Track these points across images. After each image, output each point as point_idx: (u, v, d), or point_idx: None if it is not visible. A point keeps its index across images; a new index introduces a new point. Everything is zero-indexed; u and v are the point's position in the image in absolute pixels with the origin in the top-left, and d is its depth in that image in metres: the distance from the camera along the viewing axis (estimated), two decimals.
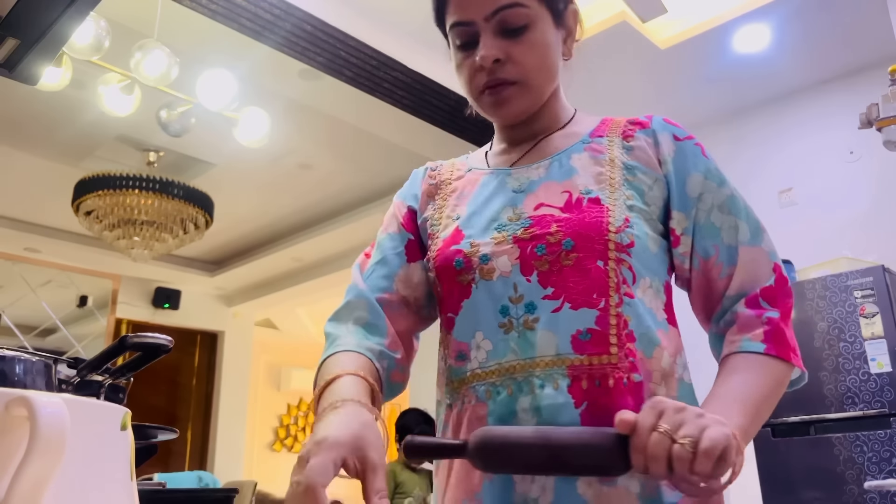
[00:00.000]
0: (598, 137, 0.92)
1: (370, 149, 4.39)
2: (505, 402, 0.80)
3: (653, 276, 0.85)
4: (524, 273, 0.83)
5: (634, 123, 0.92)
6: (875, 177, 3.40)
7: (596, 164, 0.88)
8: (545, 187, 0.88)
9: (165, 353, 0.79)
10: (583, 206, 0.84)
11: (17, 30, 1.11)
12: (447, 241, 0.89)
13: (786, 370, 0.81)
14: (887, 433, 2.57)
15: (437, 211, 0.95)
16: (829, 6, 3.10)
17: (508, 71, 0.87)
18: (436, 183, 0.99)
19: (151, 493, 1.48)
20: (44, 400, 0.44)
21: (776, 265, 0.85)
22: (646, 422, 0.67)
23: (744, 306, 0.83)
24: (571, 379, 0.78)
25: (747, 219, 0.87)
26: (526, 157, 0.94)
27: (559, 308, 0.80)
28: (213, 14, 2.79)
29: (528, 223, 0.85)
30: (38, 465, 0.42)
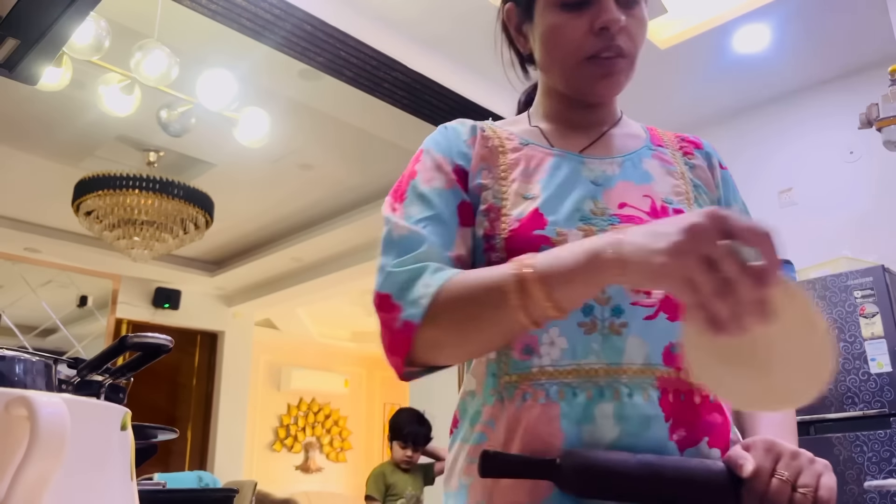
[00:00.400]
0: (660, 147, 0.90)
1: (370, 149, 4.39)
2: (582, 405, 0.75)
3: None
4: None
5: (687, 141, 0.92)
6: (875, 177, 3.40)
7: (669, 175, 0.87)
8: (623, 186, 0.84)
9: (165, 353, 0.79)
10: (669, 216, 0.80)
11: (17, 30, 1.11)
12: (525, 222, 0.81)
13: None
14: (887, 433, 2.57)
15: (498, 182, 0.85)
16: (829, 6, 3.10)
17: (626, 42, 0.83)
18: (490, 147, 0.89)
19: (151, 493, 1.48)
20: (44, 400, 0.44)
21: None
22: (765, 467, 0.67)
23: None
24: (661, 391, 0.75)
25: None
26: (594, 146, 0.89)
27: (653, 316, 0.77)
28: (213, 14, 2.79)
29: (615, 221, 0.80)
30: (38, 465, 0.42)
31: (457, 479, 0.83)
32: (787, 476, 0.65)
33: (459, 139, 0.91)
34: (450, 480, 0.85)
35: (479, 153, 0.88)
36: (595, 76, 0.84)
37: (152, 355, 0.77)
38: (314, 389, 8.61)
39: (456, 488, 0.83)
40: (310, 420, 8.61)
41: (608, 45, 0.82)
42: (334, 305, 7.71)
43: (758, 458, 0.68)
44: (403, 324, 0.75)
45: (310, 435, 8.57)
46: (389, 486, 3.44)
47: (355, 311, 7.90)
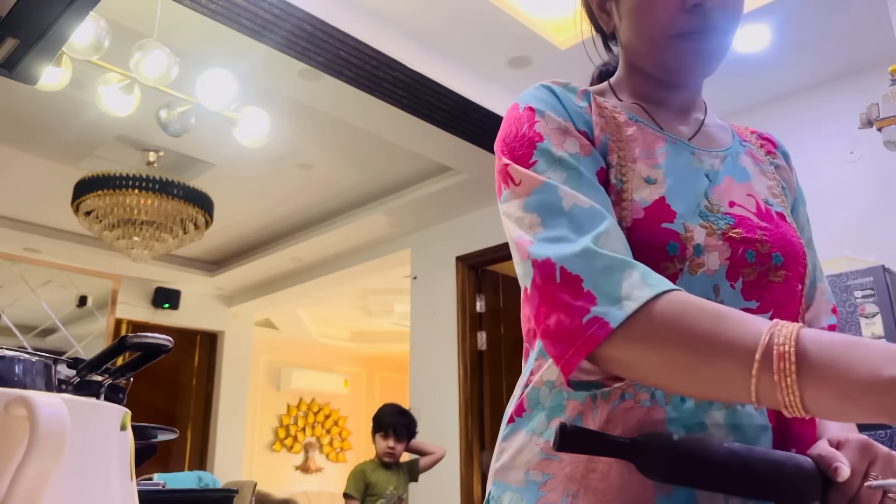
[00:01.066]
0: (746, 143, 0.86)
1: (370, 149, 4.39)
2: (692, 411, 0.70)
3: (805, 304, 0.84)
4: (729, 277, 0.72)
5: (765, 139, 0.91)
6: (875, 177, 3.40)
7: (763, 175, 0.83)
8: (728, 183, 0.78)
9: (165, 353, 0.79)
10: (774, 219, 0.76)
11: (17, 30, 1.11)
12: (651, 211, 0.72)
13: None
14: (887, 433, 2.57)
15: (621, 160, 0.76)
16: (829, 6, 3.10)
17: (720, 19, 0.75)
18: (606, 118, 0.79)
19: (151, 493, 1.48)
20: (44, 400, 0.44)
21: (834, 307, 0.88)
22: (858, 469, 0.65)
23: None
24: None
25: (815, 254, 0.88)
26: (699, 136, 0.82)
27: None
28: (213, 14, 2.79)
29: (731, 221, 0.74)
30: (38, 465, 0.42)
31: (522, 473, 0.75)
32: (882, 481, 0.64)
33: (571, 103, 0.79)
34: (509, 473, 0.76)
35: (598, 123, 0.78)
36: (687, 53, 0.77)
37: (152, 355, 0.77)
38: (314, 389, 8.62)
39: (521, 483, 0.75)
40: (310, 420, 8.62)
41: (702, 21, 0.75)
42: (334, 305, 7.71)
43: (851, 459, 0.65)
44: (594, 320, 0.62)
45: (310, 435, 8.58)
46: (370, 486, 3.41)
47: (355, 312, 7.91)
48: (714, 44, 0.76)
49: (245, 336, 7.29)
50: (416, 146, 4.05)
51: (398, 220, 5.15)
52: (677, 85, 0.83)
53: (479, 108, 3.53)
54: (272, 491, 6.81)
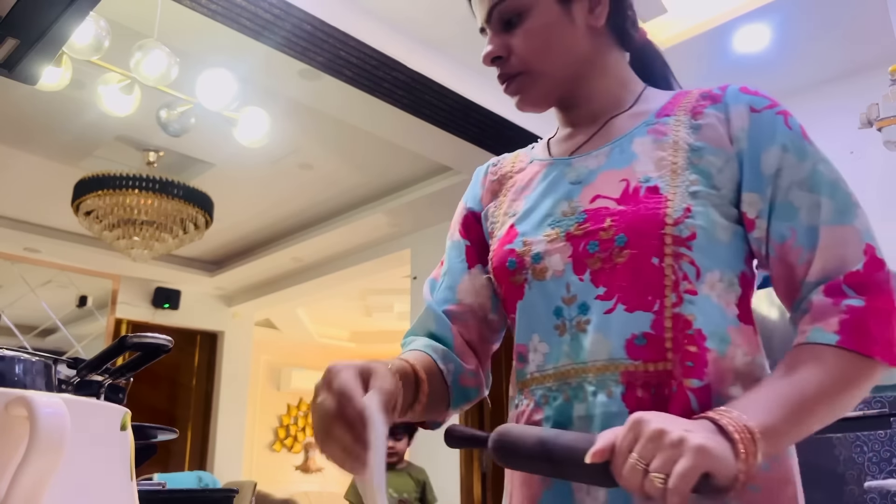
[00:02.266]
0: (665, 117, 0.84)
1: (370, 149, 4.39)
2: (562, 408, 0.77)
3: (724, 268, 0.77)
4: (577, 272, 0.78)
5: (707, 97, 0.84)
6: (875, 177, 3.40)
7: (658, 148, 0.81)
8: (604, 176, 0.82)
9: (165, 353, 0.79)
10: (639, 197, 0.77)
11: (17, 30, 1.11)
12: (502, 240, 0.86)
13: (865, 366, 0.70)
14: (887, 433, 2.57)
15: (498, 208, 0.92)
16: (829, 6, 3.10)
17: (511, 64, 0.86)
18: (498, 178, 0.95)
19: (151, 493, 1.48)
20: (44, 400, 0.44)
21: (869, 246, 0.74)
22: (622, 446, 0.62)
23: (822, 294, 0.73)
24: (626, 386, 0.73)
25: (832, 194, 0.76)
26: (588, 143, 0.88)
27: (612, 309, 0.75)
28: (213, 14, 2.79)
29: (582, 218, 0.80)
30: (38, 465, 0.42)
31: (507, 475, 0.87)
32: (636, 459, 0.60)
33: (476, 182, 0.99)
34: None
35: (489, 189, 0.96)
36: (512, 98, 0.89)
37: (152, 355, 0.77)
38: (314, 389, 8.62)
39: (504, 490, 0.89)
40: (310, 420, 8.60)
41: (498, 75, 0.88)
42: (334, 305, 7.71)
43: (620, 437, 0.63)
44: None
45: (310, 435, 8.57)
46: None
47: (355, 312, 7.91)
48: (518, 85, 0.87)
49: (245, 336, 7.29)
50: (416, 146, 4.05)
51: (398, 220, 5.15)
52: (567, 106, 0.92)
53: (479, 108, 3.53)
54: (272, 491, 6.81)
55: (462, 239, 0.95)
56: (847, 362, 0.70)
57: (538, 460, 0.70)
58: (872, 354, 0.69)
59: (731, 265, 0.78)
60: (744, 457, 0.61)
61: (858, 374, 0.70)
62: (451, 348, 0.87)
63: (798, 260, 0.75)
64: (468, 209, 0.97)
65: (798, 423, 0.68)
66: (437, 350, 0.85)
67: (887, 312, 0.71)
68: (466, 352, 0.89)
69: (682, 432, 0.60)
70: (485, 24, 0.87)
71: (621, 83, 0.90)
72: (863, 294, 0.71)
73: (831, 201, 0.76)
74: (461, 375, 0.86)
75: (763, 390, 0.70)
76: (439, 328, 0.89)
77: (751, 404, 0.67)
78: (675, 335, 0.73)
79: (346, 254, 5.91)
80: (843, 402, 0.71)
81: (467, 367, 0.87)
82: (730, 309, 0.77)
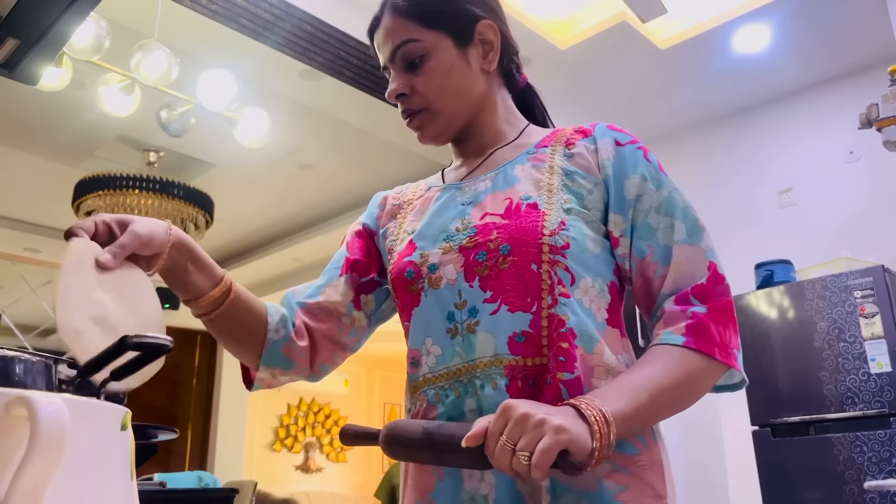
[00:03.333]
0: (543, 147, 0.95)
1: (370, 149, 4.40)
2: (453, 404, 0.84)
3: (594, 276, 0.87)
4: (468, 279, 0.87)
5: (579, 132, 0.95)
6: (875, 177, 3.40)
7: (537, 172, 0.92)
8: (491, 198, 0.92)
9: (166, 353, 0.79)
10: (521, 212, 0.87)
11: (17, 30, 1.11)
12: (401, 254, 0.94)
13: (707, 365, 0.81)
14: (887, 433, 2.57)
15: (398, 227, 1.01)
16: (829, 6, 3.10)
17: (414, 101, 0.95)
18: (399, 203, 1.06)
19: (151, 493, 1.48)
20: (44, 400, 0.44)
21: (712, 263, 0.86)
22: (493, 430, 0.70)
23: (672, 303, 0.84)
24: (509, 379, 0.81)
25: (684, 218, 0.88)
26: (476, 170, 0.98)
27: (497, 310, 0.84)
28: (213, 14, 2.79)
29: (473, 232, 0.89)
30: (38, 465, 0.42)
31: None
32: (504, 440, 0.68)
33: (375, 203, 1.11)
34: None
35: (388, 211, 1.06)
36: (413, 131, 0.99)
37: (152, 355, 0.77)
38: (314, 389, 8.61)
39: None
40: (310, 420, 8.62)
41: (402, 110, 0.97)
42: None
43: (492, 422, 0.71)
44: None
45: (310, 435, 8.58)
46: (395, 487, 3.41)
47: None
48: (420, 121, 0.96)
49: None
50: (417, 146, 4.03)
51: None
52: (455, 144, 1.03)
53: None
54: (272, 491, 6.81)
55: (345, 250, 1.06)
56: (691, 360, 0.80)
57: (422, 449, 0.76)
58: (712, 354, 0.80)
59: (601, 274, 0.88)
60: (598, 437, 0.70)
61: (699, 370, 0.81)
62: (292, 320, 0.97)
63: (655, 274, 0.87)
64: (363, 224, 1.08)
65: (646, 410, 0.77)
66: (277, 312, 0.95)
67: (725, 319, 0.83)
68: (302, 333, 0.97)
69: (544, 415, 0.69)
70: (388, 62, 0.96)
71: (507, 120, 1.01)
72: (705, 303, 0.82)
73: (683, 224, 0.88)
74: (286, 344, 0.95)
75: (619, 381, 0.79)
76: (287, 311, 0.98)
77: (608, 393, 0.76)
78: (550, 333, 0.82)
79: None
80: (687, 394, 0.81)
81: (294, 341, 0.95)
82: (599, 313, 0.87)
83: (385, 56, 0.96)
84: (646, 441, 0.83)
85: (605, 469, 0.79)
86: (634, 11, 3.17)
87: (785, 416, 2.78)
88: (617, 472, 0.79)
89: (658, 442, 0.86)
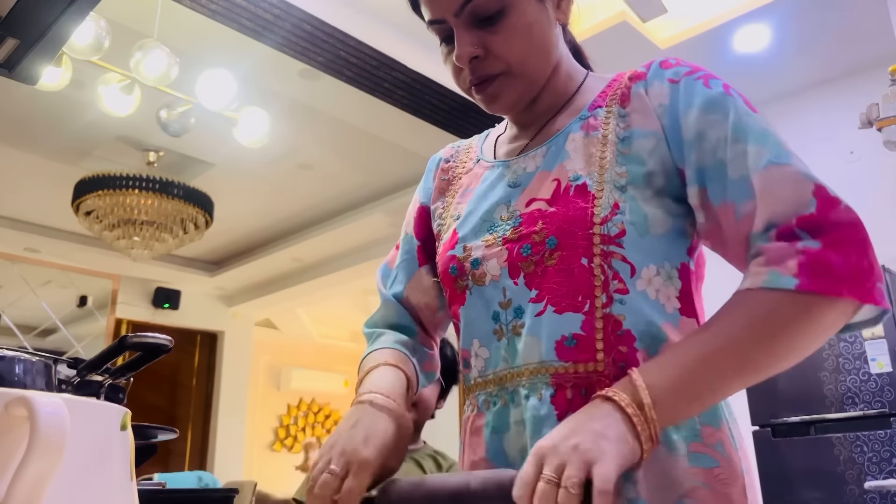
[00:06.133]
0: (597, 108, 0.82)
1: (370, 149, 4.39)
2: (500, 413, 0.78)
3: (661, 261, 0.75)
4: (512, 276, 0.78)
5: (633, 77, 0.82)
6: (875, 177, 3.40)
7: (589, 144, 0.79)
8: (539, 178, 0.81)
9: (165, 353, 0.79)
10: (569, 196, 0.76)
11: (17, 30, 1.11)
12: (446, 245, 0.86)
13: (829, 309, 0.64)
14: (887, 433, 2.57)
15: (445, 209, 0.92)
16: (829, 6, 3.10)
17: (490, 64, 0.79)
18: (448, 178, 0.95)
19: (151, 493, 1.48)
20: (44, 400, 0.44)
21: (818, 186, 0.67)
22: (527, 475, 0.60)
23: (773, 239, 0.67)
24: (555, 388, 0.73)
25: (763, 140, 0.70)
26: (531, 143, 0.86)
27: (542, 312, 0.75)
28: (213, 14, 2.79)
29: (517, 222, 0.79)
30: (38, 465, 0.42)
31: None
32: (549, 475, 0.58)
33: (429, 175, 0.98)
34: None
35: (438, 186, 0.95)
36: (482, 101, 0.84)
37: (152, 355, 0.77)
38: (314, 390, 8.61)
39: None
40: (310, 420, 8.61)
41: (474, 76, 0.81)
42: (334, 305, 7.71)
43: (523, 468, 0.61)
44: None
45: (310, 435, 8.57)
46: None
47: (355, 311, 7.90)
48: (495, 87, 0.81)
49: (245, 336, 7.29)
50: (416, 146, 4.05)
51: (398, 220, 5.14)
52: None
53: (479, 108, 3.53)
54: (272, 491, 6.81)
55: (413, 237, 0.96)
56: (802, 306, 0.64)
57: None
58: (839, 294, 0.63)
59: (668, 257, 0.75)
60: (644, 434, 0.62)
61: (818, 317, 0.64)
62: (413, 336, 0.92)
63: (736, 216, 0.70)
64: (421, 203, 0.97)
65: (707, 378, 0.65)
66: (406, 344, 0.89)
67: (856, 244, 0.64)
68: (427, 338, 0.93)
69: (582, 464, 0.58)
70: (452, 17, 0.78)
71: (568, 76, 0.87)
72: (819, 237, 0.65)
73: (762, 147, 0.70)
74: (425, 362, 0.91)
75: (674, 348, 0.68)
76: (402, 319, 0.92)
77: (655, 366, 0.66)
78: (606, 336, 0.72)
79: (346, 254, 5.90)
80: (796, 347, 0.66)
81: (429, 354, 0.92)
82: (669, 303, 0.75)
83: (445, 9, 0.78)
84: (724, 451, 0.72)
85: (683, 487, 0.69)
86: (635, 11, 3.16)
87: (785, 416, 2.78)
88: (698, 489, 0.69)
89: (738, 451, 0.74)
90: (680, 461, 0.70)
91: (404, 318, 0.93)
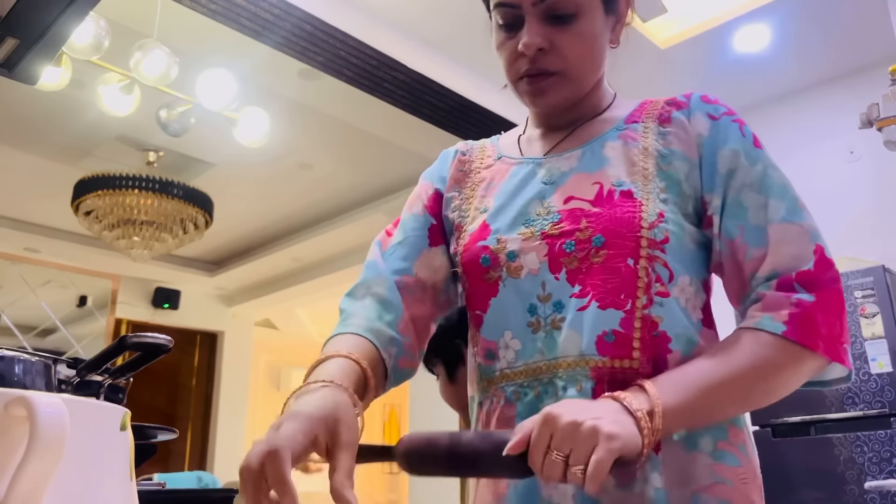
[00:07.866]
0: (634, 123, 0.87)
1: (370, 149, 4.39)
2: (531, 403, 0.79)
3: (692, 273, 0.81)
4: (552, 271, 0.80)
5: (672, 104, 0.87)
6: (875, 177, 3.40)
7: (629, 154, 0.84)
8: (576, 179, 0.84)
9: (165, 353, 0.79)
10: (614, 200, 0.80)
11: (17, 30, 1.11)
12: (474, 235, 0.87)
13: (805, 360, 0.74)
14: (887, 433, 2.57)
15: (465, 202, 0.93)
16: (829, 6, 3.10)
17: (551, 61, 0.83)
18: (465, 171, 0.96)
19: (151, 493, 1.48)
20: (43, 400, 0.44)
21: (818, 246, 0.77)
22: (539, 441, 0.65)
23: (773, 287, 0.76)
24: (596, 381, 0.75)
25: (782, 196, 0.79)
26: (560, 145, 0.90)
27: (586, 307, 0.77)
28: (213, 14, 2.79)
29: (556, 218, 0.82)
30: (38, 465, 0.42)
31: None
32: (557, 454, 0.63)
33: (445, 164, 0.99)
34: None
35: (454, 176, 0.96)
36: (528, 93, 0.86)
37: (152, 355, 0.77)
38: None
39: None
40: None
41: (532, 66, 0.84)
42: (334, 305, 7.63)
43: (535, 433, 0.65)
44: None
45: None
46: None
47: None
48: (547, 83, 0.84)
49: (245, 336, 7.29)
50: (417, 146, 4.05)
51: None
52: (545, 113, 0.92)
53: (479, 108, 3.53)
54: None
55: (428, 215, 0.94)
56: (786, 352, 0.73)
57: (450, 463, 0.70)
58: (815, 348, 0.73)
59: (698, 271, 0.82)
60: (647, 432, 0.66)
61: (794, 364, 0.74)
62: (396, 318, 0.86)
63: (745, 257, 0.79)
64: (435, 188, 0.97)
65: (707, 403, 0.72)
66: (381, 335, 0.83)
67: (835, 310, 0.75)
68: (408, 328, 0.87)
69: (593, 422, 0.63)
70: (530, 5, 0.82)
71: (604, 92, 0.93)
72: (812, 291, 0.74)
73: (781, 202, 0.79)
74: (401, 358, 0.85)
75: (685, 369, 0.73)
76: (390, 294, 0.88)
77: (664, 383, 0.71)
78: (643, 335, 0.76)
79: (346, 254, 5.90)
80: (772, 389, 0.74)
81: (406, 346, 0.86)
82: (695, 314, 0.81)
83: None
84: (747, 452, 0.78)
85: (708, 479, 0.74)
86: (635, 11, 3.16)
87: (785, 416, 2.78)
88: (720, 485, 0.74)
89: (755, 454, 0.81)
90: (701, 458, 0.75)
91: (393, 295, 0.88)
